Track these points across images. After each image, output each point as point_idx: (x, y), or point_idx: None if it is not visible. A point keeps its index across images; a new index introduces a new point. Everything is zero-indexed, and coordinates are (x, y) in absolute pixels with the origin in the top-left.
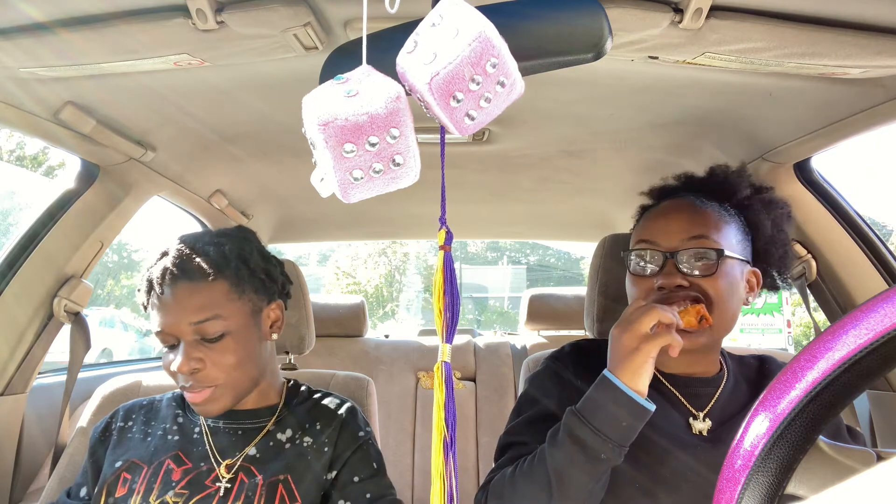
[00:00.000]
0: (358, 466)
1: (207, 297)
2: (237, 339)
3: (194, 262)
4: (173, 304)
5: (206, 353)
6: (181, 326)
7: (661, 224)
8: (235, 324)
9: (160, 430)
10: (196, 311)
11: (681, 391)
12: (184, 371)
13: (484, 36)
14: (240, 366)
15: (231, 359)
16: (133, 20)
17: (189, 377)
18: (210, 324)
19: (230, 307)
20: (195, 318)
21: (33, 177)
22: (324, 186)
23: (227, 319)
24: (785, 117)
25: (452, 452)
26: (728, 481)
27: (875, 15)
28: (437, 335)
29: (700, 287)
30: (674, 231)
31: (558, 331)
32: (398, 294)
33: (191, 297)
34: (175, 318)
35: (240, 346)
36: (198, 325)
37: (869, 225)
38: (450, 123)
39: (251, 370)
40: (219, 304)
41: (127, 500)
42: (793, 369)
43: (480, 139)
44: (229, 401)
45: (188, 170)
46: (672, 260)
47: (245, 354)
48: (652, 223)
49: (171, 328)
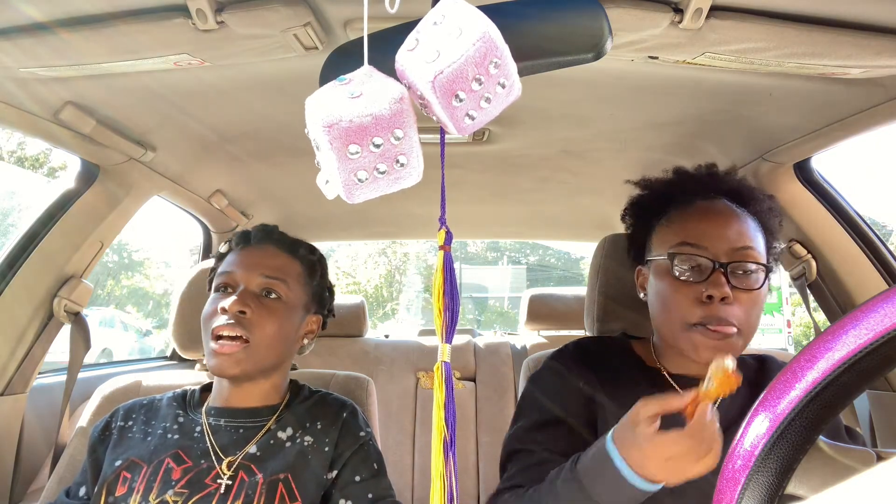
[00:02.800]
0: (359, 466)
1: (284, 264)
2: (284, 312)
3: (289, 237)
4: (257, 253)
5: (256, 305)
6: (253, 274)
7: (706, 228)
8: (291, 298)
9: (160, 430)
10: (272, 268)
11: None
12: (233, 309)
13: (488, 36)
14: (274, 337)
15: (272, 324)
16: (133, 20)
17: (232, 317)
18: (276, 283)
19: (295, 284)
20: (268, 272)
21: (34, 177)
22: (329, 189)
23: (289, 290)
24: (785, 117)
25: (452, 452)
26: (728, 481)
27: (875, 15)
28: (437, 335)
29: (742, 301)
30: (723, 238)
31: (558, 331)
32: (398, 294)
33: (273, 257)
34: (252, 265)
35: (283, 319)
36: (267, 279)
37: (869, 225)
38: (450, 123)
39: (277, 351)
40: (290, 275)
41: (127, 499)
42: (793, 369)
43: (480, 139)
44: (248, 366)
45: (188, 170)
46: (721, 270)
47: (282, 331)
48: (695, 225)
49: (243, 272)
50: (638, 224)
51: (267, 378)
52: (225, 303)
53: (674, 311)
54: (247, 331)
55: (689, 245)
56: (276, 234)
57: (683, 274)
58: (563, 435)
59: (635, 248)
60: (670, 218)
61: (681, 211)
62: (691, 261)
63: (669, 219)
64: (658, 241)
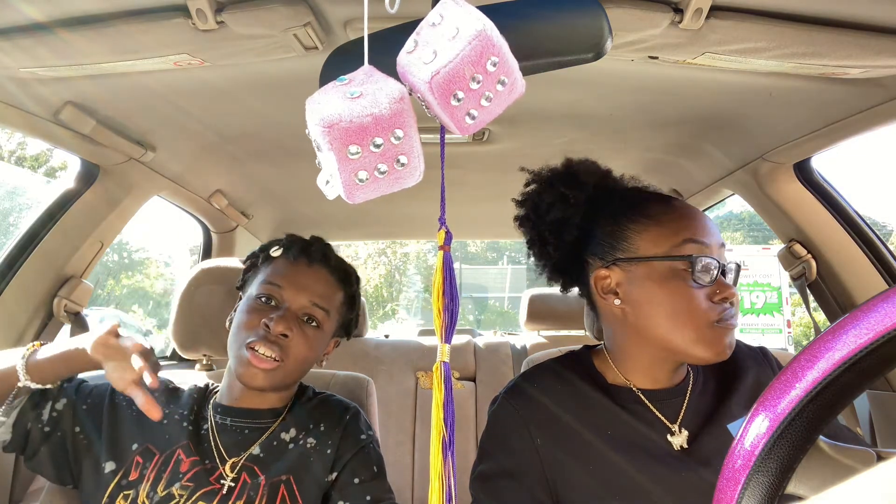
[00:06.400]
0: (358, 468)
1: (332, 293)
2: (319, 339)
3: (342, 262)
4: (311, 275)
5: (297, 330)
6: (301, 296)
7: (703, 223)
8: (328, 327)
9: (177, 415)
10: (321, 296)
11: (655, 405)
12: (279, 330)
13: (484, 34)
14: (305, 360)
15: (306, 349)
16: (133, 20)
17: (274, 336)
18: (320, 312)
19: (335, 314)
20: (318, 300)
21: (34, 177)
22: (330, 189)
23: (328, 319)
24: (785, 117)
25: (451, 452)
26: (728, 481)
27: (875, 15)
28: (437, 335)
29: None
30: (715, 233)
31: (558, 331)
32: (398, 294)
33: (324, 283)
34: (303, 287)
35: (316, 345)
36: (314, 307)
37: (869, 225)
38: (450, 122)
39: (303, 371)
40: (333, 305)
41: (136, 486)
42: (793, 369)
43: (480, 139)
44: (278, 380)
45: (188, 170)
46: (724, 268)
47: (312, 355)
48: (691, 220)
49: (293, 291)
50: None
51: (287, 390)
52: (274, 323)
53: (696, 313)
54: (283, 353)
55: (696, 243)
56: (333, 260)
57: (703, 278)
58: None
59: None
60: (648, 213)
61: (661, 208)
62: (711, 260)
63: (647, 214)
64: (642, 238)
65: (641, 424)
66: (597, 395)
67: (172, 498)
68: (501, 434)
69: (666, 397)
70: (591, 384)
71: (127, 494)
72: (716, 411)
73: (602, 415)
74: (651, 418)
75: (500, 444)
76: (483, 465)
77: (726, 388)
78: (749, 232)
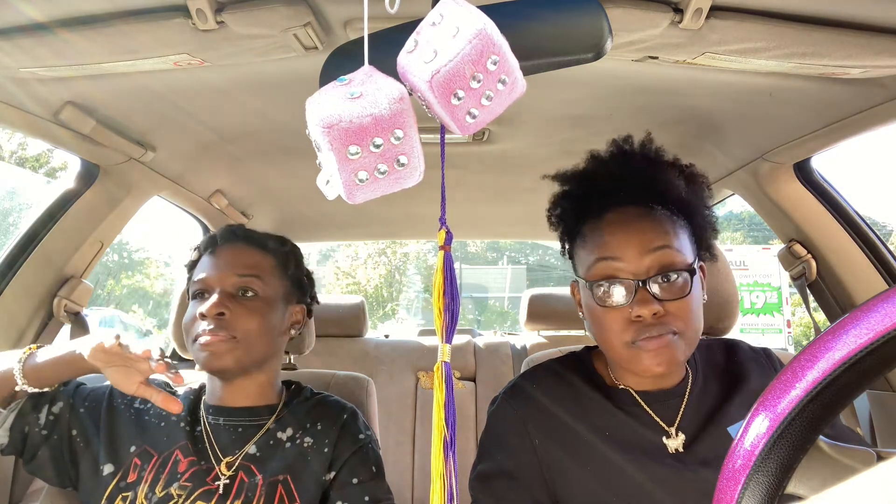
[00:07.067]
0: (357, 468)
1: (257, 261)
2: (264, 307)
3: (256, 233)
4: (228, 254)
5: (234, 306)
6: (226, 276)
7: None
8: (269, 293)
9: (174, 416)
10: (245, 266)
11: (652, 407)
12: (212, 312)
13: (485, 33)
14: (258, 332)
15: (254, 321)
16: (133, 20)
17: (213, 321)
18: (251, 280)
19: (270, 278)
20: (241, 271)
21: (34, 177)
22: (330, 189)
23: (265, 285)
24: (785, 117)
25: (452, 452)
26: (728, 481)
27: (875, 15)
28: (437, 335)
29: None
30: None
31: (558, 331)
32: (398, 294)
33: (244, 255)
34: (225, 267)
35: (264, 316)
36: (241, 278)
37: (869, 225)
38: (451, 122)
39: (265, 344)
40: (264, 270)
41: (135, 487)
42: (793, 369)
43: (480, 139)
44: (240, 355)
45: (188, 170)
46: (645, 287)
47: (265, 326)
48: (610, 236)
49: (217, 275)
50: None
51: (260, 371)
52: (203, 307)
53: (610, 334)
54: (229, 330)
55: (606, 260)
56: (241, 232)
57: (607, 301)
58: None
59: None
60: (583, 233)
61: (592, 225)
62: (613, 285)
63: (582, 234)
64: (578, 258)
65: (639, 426)
66: (596, 396)
67: (171, 498)
68: (501, 434)
69: (663, 399)
70: (590, 385)
71: (126, 496)
72: (716, 413)
73: (601, 416)
74: (649, 420)
75: (499, 444)
76: (482, 465)
77: (728, 390)
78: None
